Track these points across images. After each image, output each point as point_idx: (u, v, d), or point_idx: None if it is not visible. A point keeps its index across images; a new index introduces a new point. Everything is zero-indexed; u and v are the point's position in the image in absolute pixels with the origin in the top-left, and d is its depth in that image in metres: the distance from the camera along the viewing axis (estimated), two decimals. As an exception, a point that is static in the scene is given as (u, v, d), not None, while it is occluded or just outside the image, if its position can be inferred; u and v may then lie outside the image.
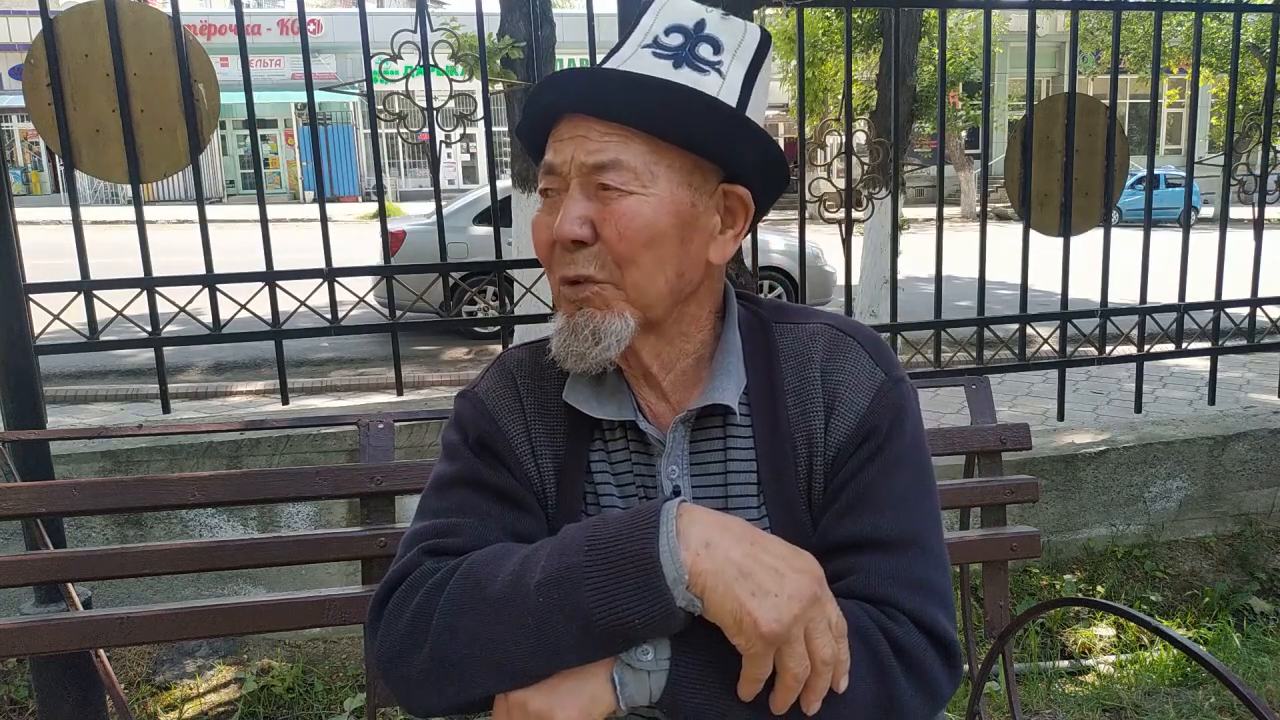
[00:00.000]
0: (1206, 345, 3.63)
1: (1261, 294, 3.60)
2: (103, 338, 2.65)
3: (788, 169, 1.00)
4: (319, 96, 2.87)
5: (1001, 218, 15.34)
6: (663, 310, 0.96)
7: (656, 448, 1.00)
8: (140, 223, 2.65)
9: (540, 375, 1.05)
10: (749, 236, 2.45)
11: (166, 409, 2.85)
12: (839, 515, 0.95)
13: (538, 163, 1.00)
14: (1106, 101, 3.33)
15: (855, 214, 3.17)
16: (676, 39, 0.95)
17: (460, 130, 2.90)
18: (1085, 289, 3.92)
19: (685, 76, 0.93)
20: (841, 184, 3.15)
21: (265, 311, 2.77)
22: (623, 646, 0.84)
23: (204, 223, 2.65)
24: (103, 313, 2.63)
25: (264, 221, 2.72)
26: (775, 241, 8.54)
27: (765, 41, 0.98)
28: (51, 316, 2.56)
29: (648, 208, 0.91)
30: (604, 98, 0.91)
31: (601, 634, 0.82)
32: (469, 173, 26.59)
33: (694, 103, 0.91)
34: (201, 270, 2.67)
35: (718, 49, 0.95)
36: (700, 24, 0.96)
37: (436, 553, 0.96)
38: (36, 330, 2.43)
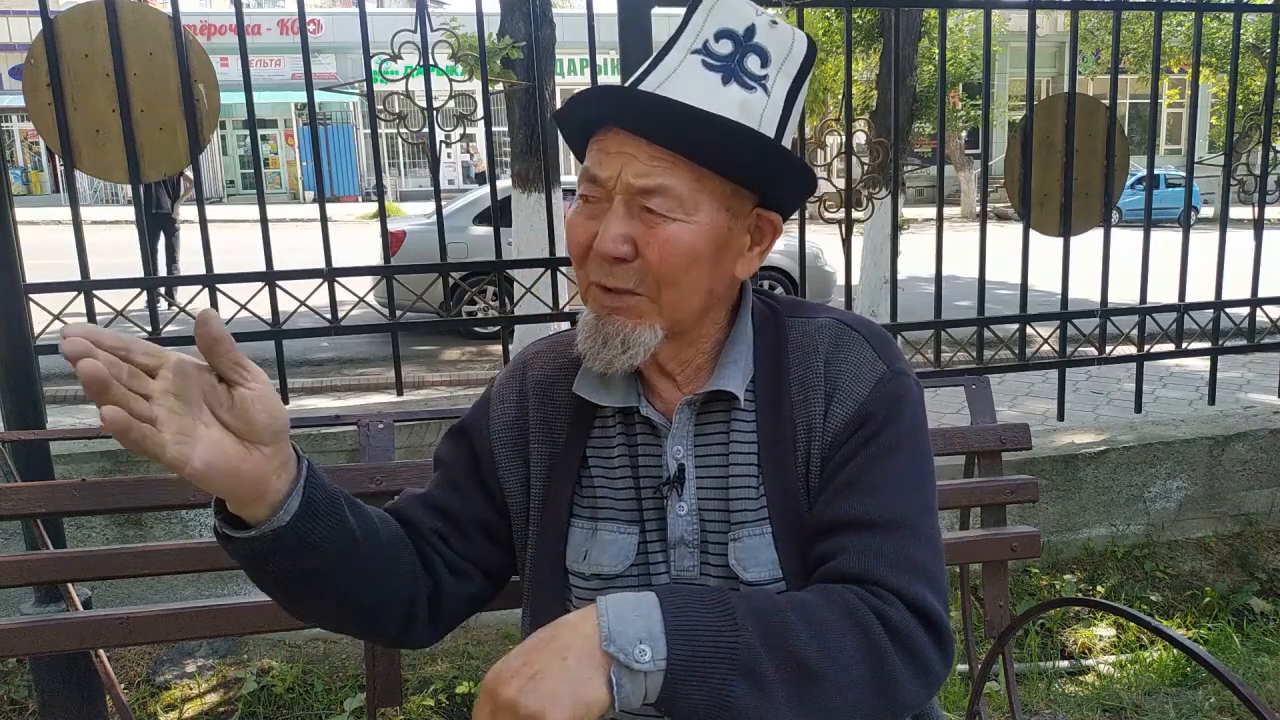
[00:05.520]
0: (1206, 345, 3.63)
1: (1261, 294, 3.60)
2: (103, 338, 2.64)
3: (815, 186, 1.05)
4: (319, 96, 2.87)
5: (1001, 218, 15.33)
6: (691, 323, 1.01)
7: (663, 429, 1.04)
8: (140, 223, 2.65)
9: (553, 364, 1.12)
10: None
11: (166, 409, 2.84)
12: (831, 498, 0.98)
13: (575, 147, 1.03)
14: (1106, 101, 3.33)
15: (855, 214, 3.17)
16: (726, 46, 0.97)
17: (460, 130, 2.90)
18: (1085, 289, 3.92)
19: (733, 93, 0.95)
20: (841, 184, 3.15)
21: (265, 311, 2.77)
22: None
23: (204, 223, 2.65)
24: (102, 312, 2.63)
25: (264, 221, 2.72)
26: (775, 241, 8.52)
27: (812, 52, 1.01)
28: (51, 316, 2.55)
29: (689, 234, 0.95)
30: (656, 124, 0.93)
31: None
32: (469, 172, 26.58)
33: (745, 140, 0.94)
34: (201, 270, 2.67)
35: (765, 60, 0.97)
36: (750, 30, 0.97)
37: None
38: (36, 330, 2.43)
